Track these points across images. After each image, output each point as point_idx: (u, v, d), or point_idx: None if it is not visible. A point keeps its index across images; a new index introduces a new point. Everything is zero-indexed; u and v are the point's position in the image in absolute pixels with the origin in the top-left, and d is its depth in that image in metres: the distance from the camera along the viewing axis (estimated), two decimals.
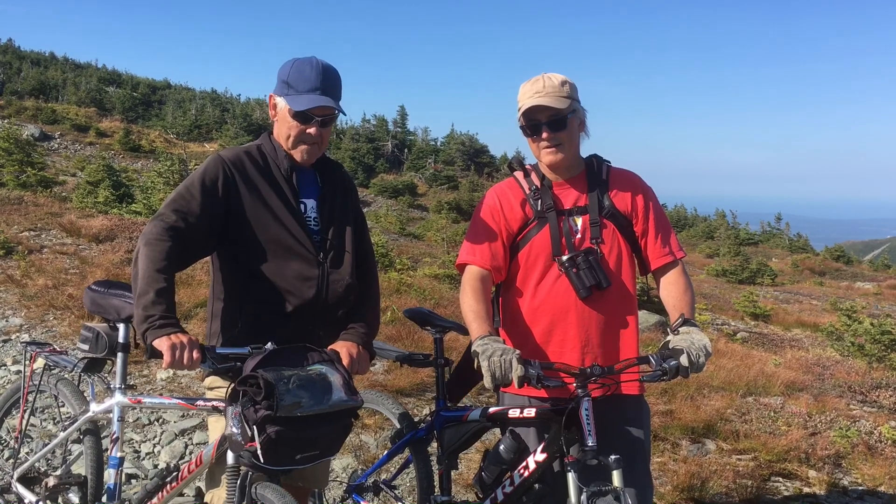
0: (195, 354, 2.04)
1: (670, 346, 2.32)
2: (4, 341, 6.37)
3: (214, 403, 2.31)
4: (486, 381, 2.19)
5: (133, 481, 3.99)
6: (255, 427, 2.00)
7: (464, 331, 2.75)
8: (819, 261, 34.97)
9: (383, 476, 3.26)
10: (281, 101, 2.40)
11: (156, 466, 4.21)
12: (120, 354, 2.66)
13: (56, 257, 9.65)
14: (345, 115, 2.47)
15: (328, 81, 2.38)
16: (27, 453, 3.23)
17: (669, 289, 2.59)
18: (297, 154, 2.43)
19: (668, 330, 2.44)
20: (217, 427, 2.49)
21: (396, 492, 3.19)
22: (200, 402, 2.37)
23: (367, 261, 2.65)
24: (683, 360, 2.26)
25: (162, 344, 2.02)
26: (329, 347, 2.32)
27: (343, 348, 2.37)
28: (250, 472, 2.09)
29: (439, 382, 2.85)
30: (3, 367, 5.70)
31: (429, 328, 3.00)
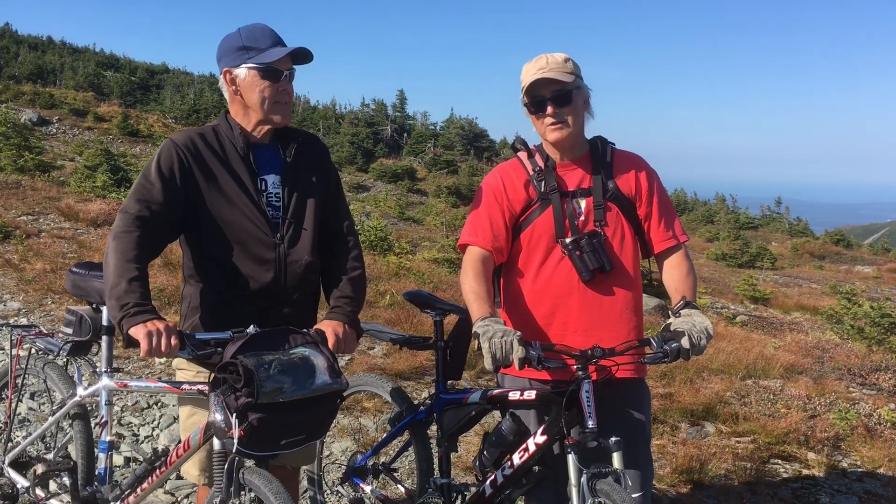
0: (173, 341, 1.98)
1: (671, 328, 2.31)
2: (2, 325, 6.35)
3: (200, 388, 2.24)
4: (487, 363, 2.17)
5: (132, 464, 3.98)
6: (235, 415, 1.96)
7: (464, 313, 2.73)
8: (819, 244, 35.02)
9: (382, 459, 3.25)
10: (242, 70, 2.29)
11: (154, 450, 4.19)
12: (105, 337, 2.60)
13: (54, 241, 9.63)
14: (311, 61, 2.37)
15: (279, 36, 2.32)
16: (23, 437, 3.19)
17: (672, 272, 2.57)
18: (277, 117, 2.33)
19: (670, 312, 2.43)
20: (186, 415, 2.46)
21: (396, 474, 3.19)
22: (186, 386, 2.31)
23: (343, 230, 2.52)
24: (685, 342, 2.24)
25: (138, 332, 1.96)
26: (314, 327, 2.27)
27: (329, 328, 2.29)
28: (236, 458, 2.06)
29: (439, 365, 2.83)
30: (0, 351, 5.68)
31: (429, 311, 2.97)
